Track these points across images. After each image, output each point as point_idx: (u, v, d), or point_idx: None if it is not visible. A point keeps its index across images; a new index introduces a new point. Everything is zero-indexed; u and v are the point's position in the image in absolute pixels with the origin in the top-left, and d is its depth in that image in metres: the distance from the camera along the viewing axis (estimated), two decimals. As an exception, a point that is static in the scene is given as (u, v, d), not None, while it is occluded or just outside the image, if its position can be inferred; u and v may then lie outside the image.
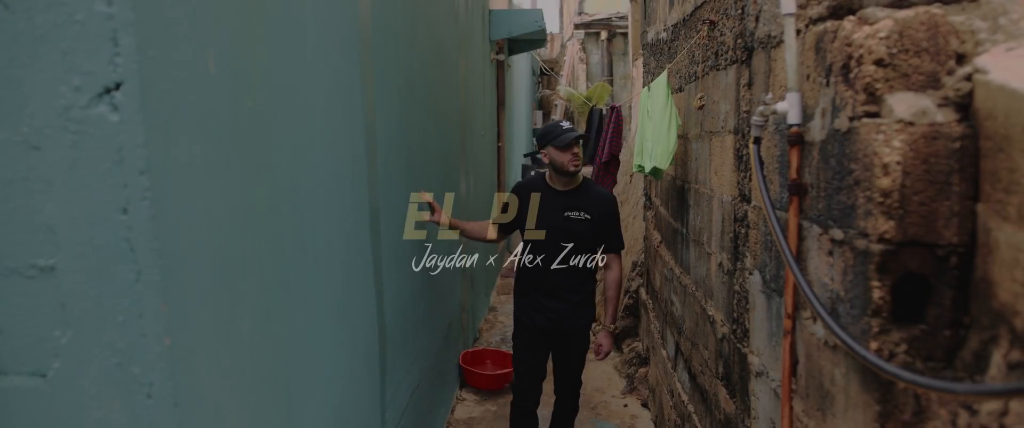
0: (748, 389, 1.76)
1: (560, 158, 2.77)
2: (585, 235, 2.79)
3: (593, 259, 2.86)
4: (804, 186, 1.29)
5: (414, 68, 2.88)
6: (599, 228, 2.81)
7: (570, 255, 2.80)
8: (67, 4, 0.93)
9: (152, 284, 1.00)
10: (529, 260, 2.91)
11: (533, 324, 2.92)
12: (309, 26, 1.61)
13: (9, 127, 0.98)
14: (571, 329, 2.91)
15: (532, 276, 2.91)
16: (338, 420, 1.84)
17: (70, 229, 0.99)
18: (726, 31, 1.91)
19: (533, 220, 2.84)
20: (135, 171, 0.96)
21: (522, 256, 2.96)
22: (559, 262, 2.81)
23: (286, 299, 1.47)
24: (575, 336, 2.96)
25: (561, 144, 2.74)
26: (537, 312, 2.90)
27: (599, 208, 2.82)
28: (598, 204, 2.83)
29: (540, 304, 2.89)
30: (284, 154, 1.46)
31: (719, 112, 2.03)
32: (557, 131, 2.79)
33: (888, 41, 1.03)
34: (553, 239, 2.80)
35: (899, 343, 1.03)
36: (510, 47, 7.76)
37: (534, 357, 2.98)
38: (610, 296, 2.94)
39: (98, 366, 1.03)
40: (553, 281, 2.84)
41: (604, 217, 2.83)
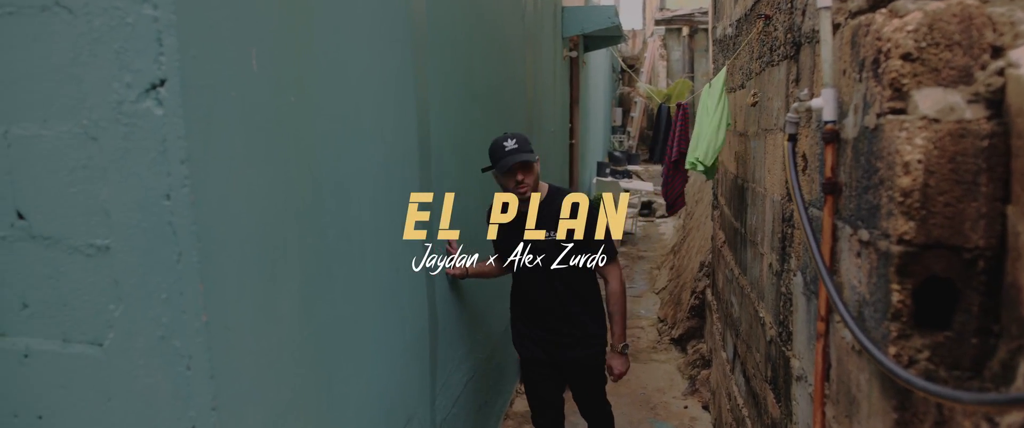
0: (791, 393, 1.71)
1: (504, 184, 2.40)
2: (559, 255, 2.43)
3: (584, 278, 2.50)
4: (838, 185, 1.25)
5: (474, 66, 2.93)
6: (574, 243, 2.42)
7: (550, 281, 2.47)
8: (120, 8, 1.03)
9: (191, 265, 1.08)
10: (515, 286, 2.62)
11: (533, 357, 2.63)
12: (357, 25, 1.68)
13: (72, 120, 1.09)
14: (575, 359, 2.58)
15: (519, 304, 2.63)
16: (382, 404, 1.91)
17: (122, 212, 1.09)
18: (779, 26, 1.86)
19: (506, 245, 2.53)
20: (177, 160, 1.05)
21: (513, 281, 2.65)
22: (541, 290, 2.50)
23: (329, 285, 1.55)
24: (582, 367, 2.61)
25: (502, 169, 2.34)
26: (533, 344, 2.62)
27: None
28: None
29: (534, 335, 2.60)
30: (329, 148, 1.54)
31: (772, 109, 1.98)
32: (498, 153, 2.36)
33: (916, 34, 0.98)
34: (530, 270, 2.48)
35: (921, 349, 0.99)
36: (586, 44, 7.74)
37: (546, 391, 2.68)
38: (612, 312, 2.55)
39: (145, 338, 1.12)
40: (542, 309, 2.53)
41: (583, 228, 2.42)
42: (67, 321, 1.17)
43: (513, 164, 2.31)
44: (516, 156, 2.31)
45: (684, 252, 6.25)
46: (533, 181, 2.38)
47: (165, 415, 1.14)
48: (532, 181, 2.37)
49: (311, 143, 1.45)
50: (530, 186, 2.37)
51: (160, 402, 1.14)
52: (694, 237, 6.17)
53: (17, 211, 1.15)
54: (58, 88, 1.08)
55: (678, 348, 4.67)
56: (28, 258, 1.16)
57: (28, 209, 1.14)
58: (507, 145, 2.34)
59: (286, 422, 1.36)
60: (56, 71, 1.07)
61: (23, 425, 1.23)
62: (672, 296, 5.48)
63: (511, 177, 2.35)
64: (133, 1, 1.02)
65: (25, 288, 1.18)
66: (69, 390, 1.19)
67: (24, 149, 1.12)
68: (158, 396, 1.14)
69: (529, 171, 2.36)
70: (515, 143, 2.34)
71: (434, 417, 2.44)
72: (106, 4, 1.03)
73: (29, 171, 1.13)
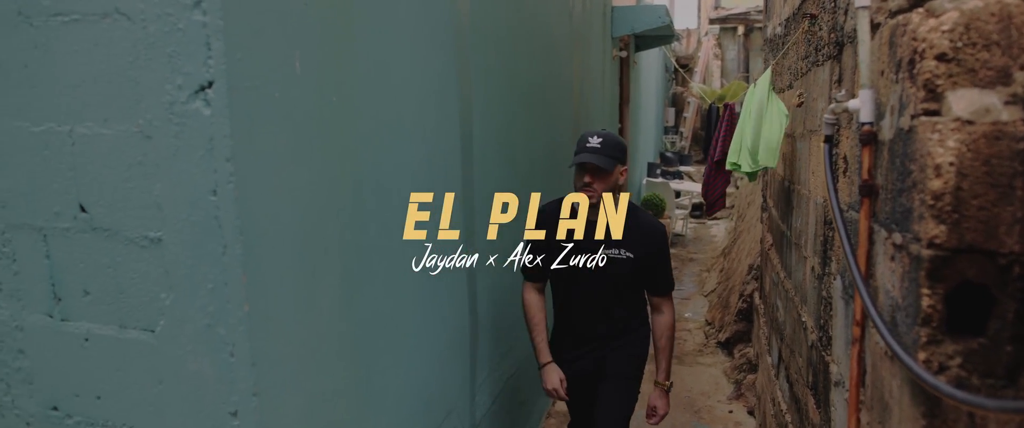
0: (829, 399, 1.68)
1: (575, 180, 2.24)
2: (625, 277, 2.28)
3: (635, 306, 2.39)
4: (875, 187, 1.23)
5: (518, 66, 2.96)
6: (643, 268, 2.28)
7: (606, 302, 2.32)
8: (173, 14, 1.09)
9: (235, 257, 1.14)
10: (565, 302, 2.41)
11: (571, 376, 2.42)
12: (399, 27, 1.73)
13: (129, 119, 1.16)
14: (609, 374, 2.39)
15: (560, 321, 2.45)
16: (421, 397, 1.96)
17: (173, 207, 1.16)
18: (824, 25, 1.83)
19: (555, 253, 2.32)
20: (222, 158, 1.11)
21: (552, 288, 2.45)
22: (591, 309, 2.35)
23: (369, 280, 1.60)
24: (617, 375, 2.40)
25: (574, 162, 2.20)
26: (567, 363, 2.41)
27: (645, 244, 2.27)
28: (643, 238, 2.28)
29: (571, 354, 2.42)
30: (370, 147, 1.59)
31: (816, 110, 1.94)
32: (578, 146, 2.23)
33: (952, 34, 0.96)
34: (585, 282, 2.30)
35: (952, 356, 0.97)
36: (637, 43, 7.69)
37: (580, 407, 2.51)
38: (662, 346, 2.39)
39: (193, 326, 1.19)
40: (585, 328, 2.38)
41: (650, 255, 2.29)
42: (123, 308, 1.25)
43: (583, 163, 2.17)
44: (590, 156, 2.15)
45: (734, 255, 6.15)
46: (605, 189, 2.20)
47: (210, 399, 1.20)
48: (602, 188, 2.20)
49: (352, 142, 1.50)
50: (598, 192, 2.20)
51: (205, 386, 1.20)
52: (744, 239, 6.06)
53: (80, 205, 1.23)
54: (117, 90, 1.15)
55: (725, 351, 4.60)
56: (89, 248, 1.25)
57: (90, 203, 1.23)
58: (590, 142, 2.18)
59: (325, 410, 1.41)
60: (115, 74, 1.15)
61: (83, 404, 1.32)
62: (720, 299, 5.40)
63: (579, 175, 2.21)
64: (185, 8, 1.08)
65: (86, 276, 1.27)
66: (124, 373, 1.27)
67: (87, 147, 1.20)
68: (204, 381, 1.20)
69: (600, 177, 2.19)
70: (598, 142, 2.18)
71: (474, 412, 2.48)
72: (160, 11, 1.10)
73: (90, 167, 1.21)
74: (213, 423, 1.21)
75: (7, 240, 1.31)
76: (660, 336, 2.39)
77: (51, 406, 1.34)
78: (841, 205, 1.44)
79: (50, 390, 1.34)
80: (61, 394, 1.33)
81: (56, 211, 1.25)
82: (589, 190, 2.20)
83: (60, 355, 1.32)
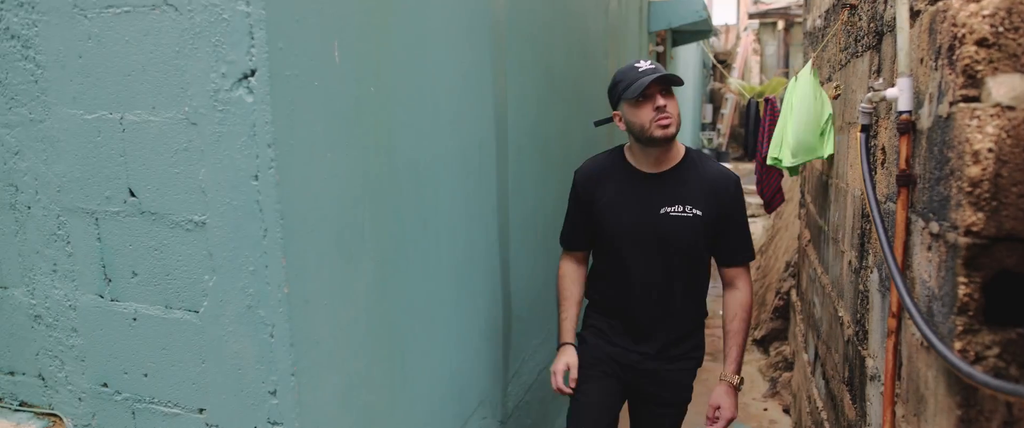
0: (865, 394, 1.66)
1: (638, 118, 1.77)
2: (692, 240, 1.83)
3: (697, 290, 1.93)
4: (912, 177, 1.21)
5: (554, 61, 2.97)
6: (714, 228, 1.83)
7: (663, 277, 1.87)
8: (218, 5, 1.13)
9: (275, 240, 1.18)
10: (602, 272, 2.00)
11: (603, 354, 2.01)
12: (436, 18, 1.76)
13: (176, 107, 1.21)
14: (661, 379, 1.96)
15: (608, 297, 1.99)
16: (454, 384, 1.99)
17: (216, 191, 1.20)
18: (863, 15, 1.80)
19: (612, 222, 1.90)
20: (264, 144, 1.15)
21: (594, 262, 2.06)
22: (642, 287, 1.89)
23: (403, 267, 1.63)
24: (666, 390, 1.98)
25: (633, 95, 1.73)
26: (612, 348, 2.00)
27: (716, 196, 1.82)
28: (713, 190, 1.82)
29: (618, 342, 1.98)
30: (406, 136, 1.62)
31: (855, 102, 1.91)
32: (628, 77, 1.77)
33: (993, 19, 0.95)
34: (640, 249, 1.86)
35: (990, 346, 0.95)
36: (674, 38, 7.62)
37: (599, 392, 1.98)
38: (733, 330, 1.91)
39: (235, 307, 1.24)
40: (638, 311, 1.93)
41: (723, 210, 1.83)
42: (169, 289, 1.30)
43: (649, 82, 1.71)
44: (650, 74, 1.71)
45: (771, 252, 6.06)
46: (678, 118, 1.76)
47: (250, 378, 1.24)
48: (677, 115, 1.76)
49: (389, 131, 1.53)
50: (675, 120, 1.74)
51: (246, 366, 1.25)
52: (782, 236, 5.96)
53: (130, 189, 1.29)
54: (165, 78, 1.20)
55: (760, 349, 4.55)
56: (138, 231, 1.30)
57: (138, 187, 1.28)
58: (640, 66, 1.76)
59: (360, 391, 1.45)
60: (163, 63, 1.20)
61: (132, 381, 1.38)
62: (757, 296, 5.33)
63: (648, 104, 1.73)
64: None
65: (135, 258, 1.32)
66: (170, 352, 1.32)
67: (136, 133, 1.25)
68: (245, 360, 1.25)
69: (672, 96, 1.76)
70: (649, 63, 1.79)
71: (506, 402, 2.50)
72: (206, 1, 1.14)
73: (139, 153, 1.26)
74: (253, 401, 1.25)
75: (62, 223, 1.37)
76: (732, 317, 1.92)
77: (102, 382, 1.41)
78: (878, 196, 1.42)
79: (101, 367, 1.40)
80: (111, 371, 1.39)
81: (107, 195, 1.31)
82: (664, 117, 1.73)
83: (110, 334, 1.37)
